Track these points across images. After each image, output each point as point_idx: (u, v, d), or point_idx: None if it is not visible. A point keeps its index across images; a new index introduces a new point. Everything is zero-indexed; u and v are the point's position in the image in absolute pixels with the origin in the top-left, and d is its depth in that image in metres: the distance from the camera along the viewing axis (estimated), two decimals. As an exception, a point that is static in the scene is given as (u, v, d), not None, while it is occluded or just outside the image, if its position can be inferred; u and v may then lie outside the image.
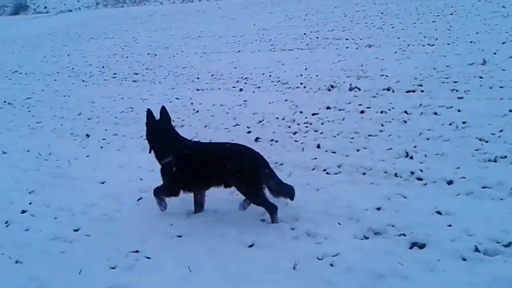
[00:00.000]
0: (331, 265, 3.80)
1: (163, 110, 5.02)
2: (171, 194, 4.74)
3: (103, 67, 14.88)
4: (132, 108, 9.82)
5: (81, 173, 6.37)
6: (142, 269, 3.93)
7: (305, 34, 15.88)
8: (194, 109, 9.20)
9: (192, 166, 4.56)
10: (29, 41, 23.32)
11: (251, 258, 3.97)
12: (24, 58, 18.49)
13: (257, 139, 7.13)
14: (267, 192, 4.48)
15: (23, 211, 5.32)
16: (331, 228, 4.31)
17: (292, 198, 4.54)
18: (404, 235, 4.09)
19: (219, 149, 4.70)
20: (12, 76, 15.06)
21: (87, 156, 7.12)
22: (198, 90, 10.81)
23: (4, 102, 11.64)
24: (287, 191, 4.52)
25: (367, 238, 4.17)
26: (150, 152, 4.94)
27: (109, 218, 4.96)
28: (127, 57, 16.33)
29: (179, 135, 4.97)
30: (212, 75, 11.98)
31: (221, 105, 9.27)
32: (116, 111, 9.73)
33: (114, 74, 13.62)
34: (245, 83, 10.84)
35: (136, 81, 12.48)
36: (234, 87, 10.62)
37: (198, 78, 11.89)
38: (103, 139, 7.99)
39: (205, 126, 8.11)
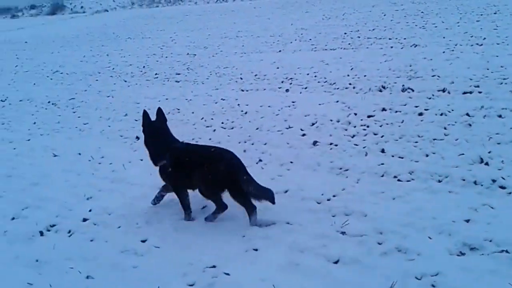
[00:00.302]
0: (433, 286, 3.42)
1: (159, 111, 5.06)
2: (182, 191, 4.79)
3: (143, 67, 14.62)
4: (178, 110, 9.53)
5: (138, 178, 6.07)
6: (223, 287, 3.58)
7: (345, 33, 15.44)
8: (242, 111, 8.86)
9: (181, 167, 4.62)
10: (67, 41, 23.24)
11: (339, 276, 3.62)
12: (63, 58, 18.33)
13: (315, 143, 6.76)
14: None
15: (85, 219, 5.06)
16: (422, 243, 3.92)
17: (272, 202, 4.43)
18: (506, 251, 3.68)
19: (204, 152, 4.74)
20: (54, 76, 14.87)
21: (141, 160, 6.79)
22: (242, 90, 10.47)
23: (48, 102, 11.45)
24: (267, 195, 4.43)
25: (463, 254, 3.78)
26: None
27: (175, 228, 4.64)
28: (166, 57, 16.04)
29: (173, 137, 4.99)
30: (256, 75, 11.62)
31: (269, 106, 8.92)
32: (167, 111, 9.41)
33: (156, 74, 13.34)
34: (291, 83, 10.46)
35: (178, 82, 12.17)
36: (279, 87, 10.26)
37: (241, 78, 11.53)
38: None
39: (257, 129, 7.77)
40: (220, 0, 33.47)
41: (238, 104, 9.31)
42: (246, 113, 8.68)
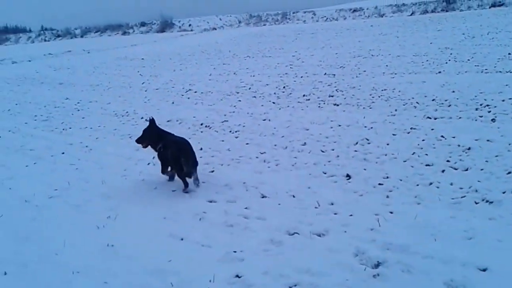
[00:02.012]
0: None
1: (152, 120, 6.75)
2: (164, 169, 6.54)
3: (283, 87, 13.11)
4: (367, 140, 7.87)
5: (399, 233, 4.36)
6: None
7: (509, 54, 13.33)
8: (459, 145, 7.05)
9: (164, 150, 6.37)
10: (184, 58, 22.34)
11: None
12: (189, 76, 17.19)
13: None
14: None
15: None
16: None
17: (189, 177, 6.20)
18: None
19: (171, 140, 6.41)
20: (189, 95, 13.63)
21: (391, 213, 5.13)
22: (430, 118, 8.70)
23: (201, 124, 10.12)
24: (189, 173, 6.12)
25: None
26: (145, 147, 6.78)
27: None
28: (301, 76, 14.51)
29: (164, 133, 6.69)
30: (433, 100, 9.85)
31: (487, 140, 7.12)
32: (348, 142, 7.89)
33: (304, 96, 11.81)
34: (489, 111, 8.71)
35: (338, 105, 10.54)
36: (480, 116, 8.46)
37: (417, 103, 9.79)
38: (380, 184, 6.02)
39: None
40: (330, 18, 31.89)
41: (443, 137, 7.55)
42: (469, 149, 6.88)
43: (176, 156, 6.05)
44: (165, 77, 17.27)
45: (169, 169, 6.56)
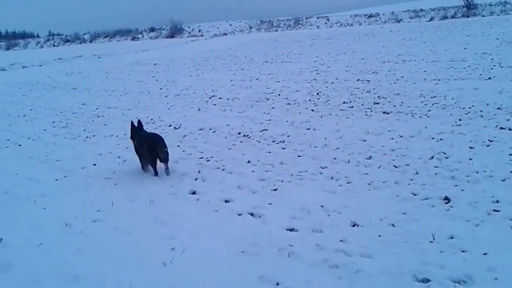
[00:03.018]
0: None
1: (139, 122, 7.48)
2: (144, 164, 7.09)
3: (317, 94, 12.04)
4: (444, 153, 6.81)
5: None
6: None
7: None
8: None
9: (140, 144, 7.10)
10: (198, 64, 21.31)
11: None
12: (208, 81, 16.11)
13: None
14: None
15: None
16: None
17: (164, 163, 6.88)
18: None
19: (147, 135, 7.23)
20: (215, 102, 12.55)
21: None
22: (503, 128, 7.76)
23: (239, 133, 9.08)
24: (165, 159, 6.83)
25: None
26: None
27: None
28: (332, 82, 13.42)
29: (143, 131, 7.44)
30: (498, 108, 8.89)
31: None
32: (421, 156, 6.84)
33: (344, 103, 10.75)
34: None
35: (388, 113, 9.49)
36: None
37: (481, 111, 8.75)
38: (495, 210, 4.93)
39: None
40: (344, 24, 30.86)
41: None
42: None
43: (152, 147, 6.74)
44: (183, 83, 16.22)
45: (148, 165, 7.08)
